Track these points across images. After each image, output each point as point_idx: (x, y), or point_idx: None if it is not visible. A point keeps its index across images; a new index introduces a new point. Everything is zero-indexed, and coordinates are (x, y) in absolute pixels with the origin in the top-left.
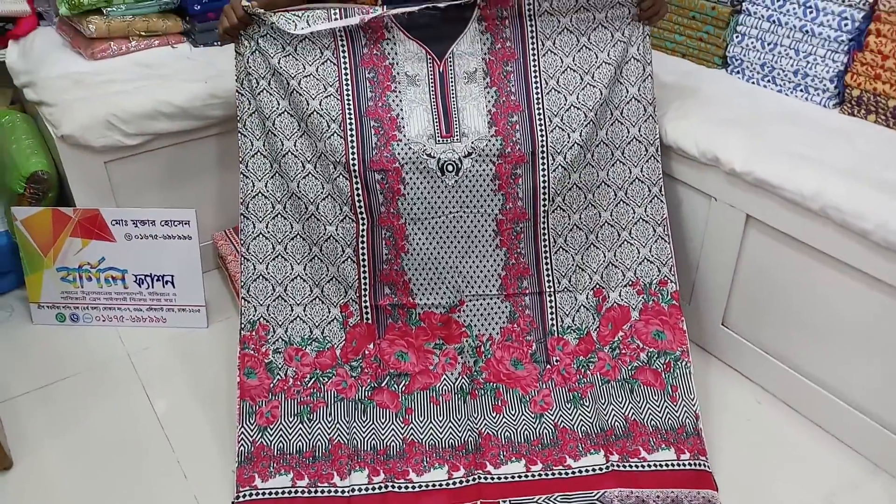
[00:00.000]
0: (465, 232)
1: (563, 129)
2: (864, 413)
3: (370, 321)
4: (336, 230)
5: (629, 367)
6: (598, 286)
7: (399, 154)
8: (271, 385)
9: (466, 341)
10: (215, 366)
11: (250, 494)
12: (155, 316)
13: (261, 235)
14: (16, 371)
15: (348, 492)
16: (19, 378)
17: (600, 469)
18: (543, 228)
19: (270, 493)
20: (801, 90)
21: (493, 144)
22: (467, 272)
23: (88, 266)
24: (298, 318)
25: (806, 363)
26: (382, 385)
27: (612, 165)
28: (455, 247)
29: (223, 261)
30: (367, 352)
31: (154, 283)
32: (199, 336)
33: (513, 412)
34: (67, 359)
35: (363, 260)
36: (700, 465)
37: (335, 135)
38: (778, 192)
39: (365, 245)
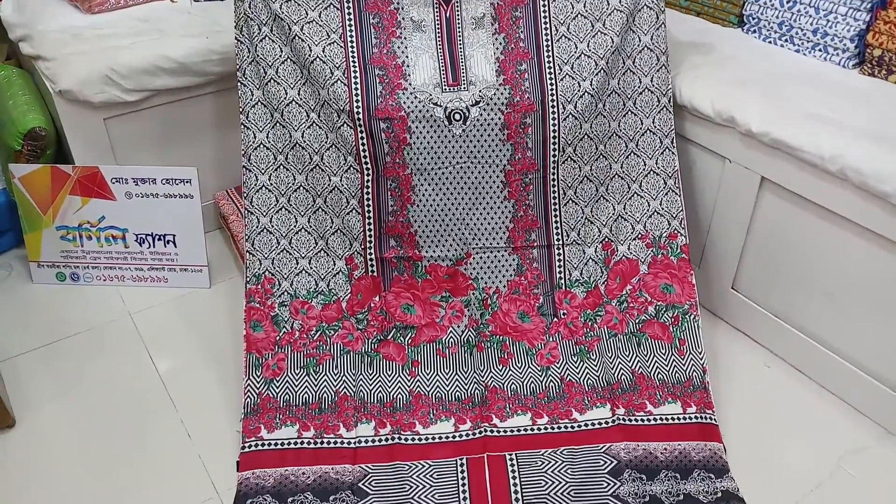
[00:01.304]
0: (472, 183)
1: (573, 78)
2: (875, 377)
3: (375, 274)
4: (340, 181)
5: (637, 321)
6: (606, 239)
7: (405, 103)
8: (277, 338)
9: (473, 294)
10: (218, 326)
11: (256, 445)
12: (156, 276)
13: (263, 188)
14: (16, 330)
15: (354, 443)
16: (20, 337)
17: (606, 423)
18: (553, 180)
19: (276, 444)
20: (820, 50)
21: (502, 93)
22: (474, 224)
23: (88, 225)
24: (304, 271)
25: (817, 327)
26: (388, 338)
27: (624, 116)
28: (462, 198)
29: (225, 220)
30: (372, 304)
31: (155, 243)
32: (201, 296)
33: (519, 365)
34: (68, 318)
35: (368, 211)
36: (707, 418)
37: (339, 82)
38: (795, 154)
39: (370, 196)
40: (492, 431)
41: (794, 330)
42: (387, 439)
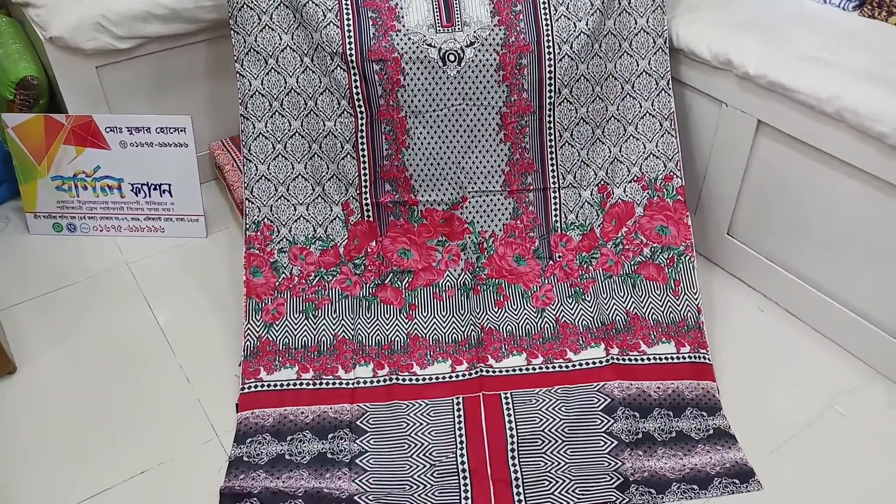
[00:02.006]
0: (467, 125)
1: (568, 18)
2: (867, 319)
3: (371, 219)
4: (334, 125)
5: (632, 263)
6: (602, 182)
7: (398, 45)
8: (277, 283)
9: (469, 238)
10: (215, 274)
11: (256, 386)
12: (153, 225)
13: (261, 135)
14: (14, 281)
15: (353, 384)
16: (17, 287)
17: (600, 362)
18: (549, 122)
19: (275, 385)
20: None
21: (497, 34)
22: (470, 168)
23: (83, 175)
24: (302, 218)
25: (810, 271)
26: (386, 282)
27: (620, 57)
28: (457, 141)
29: (220, 170)
30: (369, 249)
31: (151, 192)
32: (198, 245)
33: (515, 307)
34: (66, 268)
35: (363, 155)
36: (700, 357)
37: (331, 24)
38: (792, 96)
39: (364, 140)
40: (487, 371)
41: (788, 274)
42: (385, 380)
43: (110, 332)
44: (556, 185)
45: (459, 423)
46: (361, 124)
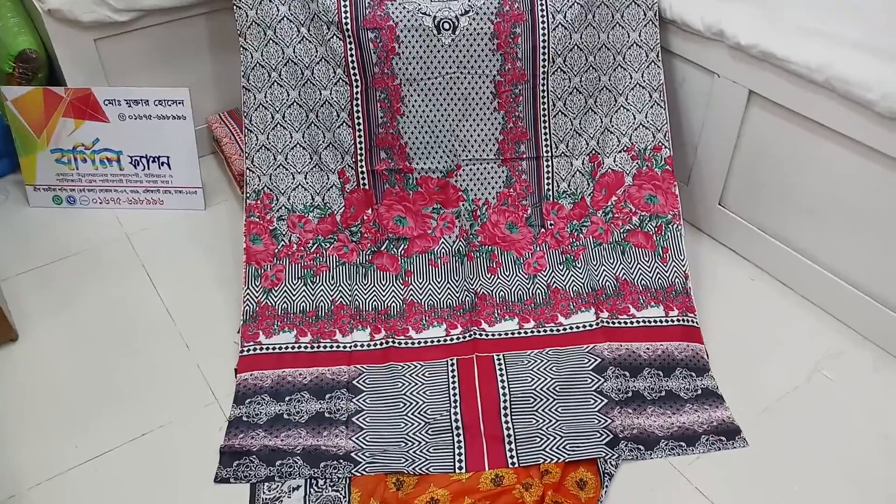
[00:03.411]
0: (462, 94)
1: None
2: (854, 286)
3: (367, 187)
4: (330, 94)
5: (621, 231)
6: (593, 152)
7: (393, 13)
8: (276, 250)
9: (463, 205)
10: (214, 245)
11: (254, 349)
12: (152, 198)
13: (261, 106)
14: (14, 252)
15: (350, 347)
16: (18, 258)
17: (590, 325)
18: (543, 91)
19: (274, 348)
20: None
21: (491, 2)
22: (464, 136)
23: (83, 147)
24: (300, 186)
25: (800, 239)
26: (382, 249)
27: (612, 28)
28: (452, 109)
29: (218, 144)
30: (365, 217)
31: (150, 165)
32: (197, 217)
33: (507, 273)
34: (66, 240)
35: (358, 123)
36: (689, 321)
37: None
38: (783, 66)
39: (359, 108)
40: (480, 335)
41: (778, 243)
42: (381, 343)
43: (111, 302)
44: (549, 154)
45: (453, 383)
46: (356, 92)
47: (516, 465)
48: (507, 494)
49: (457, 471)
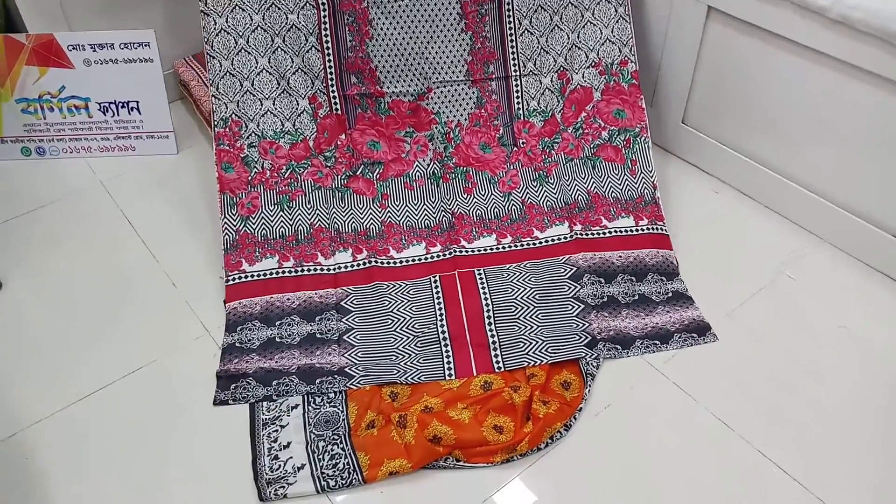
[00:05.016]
0: (429, 15)
1: None
2: (812, 190)
3: (339, 112)
4: (297, 18)
5: (591, 146)
6: (562, 69)
7: None
8: (249, 178)
9: (436, 128)
10: (190, 187)
11: (239, 277)
12: (123, 144)
13: (222, 31)
14: None
15: (334, 269)
16: None
17: (565, 238)
18: (508, 10)
19: (259, 275)
20: None
21: None
22: (433, 58)
23: (49, 96)
24: (269, 112)
25: (760, 150)
26: (357, 173)
27: None
28: (420, 31)
29: (186, 87)
30: (339, 142)
31: (119, 111)
32: (169, 162)
33: (483, 192)
34: (40, 191)
35: (327, 48)
36: (658, 229)
37: None
38: None
39: (328, 32)
40: (460, 252)
41: (739, 156)
42: (364, 263)
43: (92, 246)
44: (518, 73)
45: (438, 297)
46: (324, 16)
47: (502, 370)
48: (497, 397)
49: (447, 378)
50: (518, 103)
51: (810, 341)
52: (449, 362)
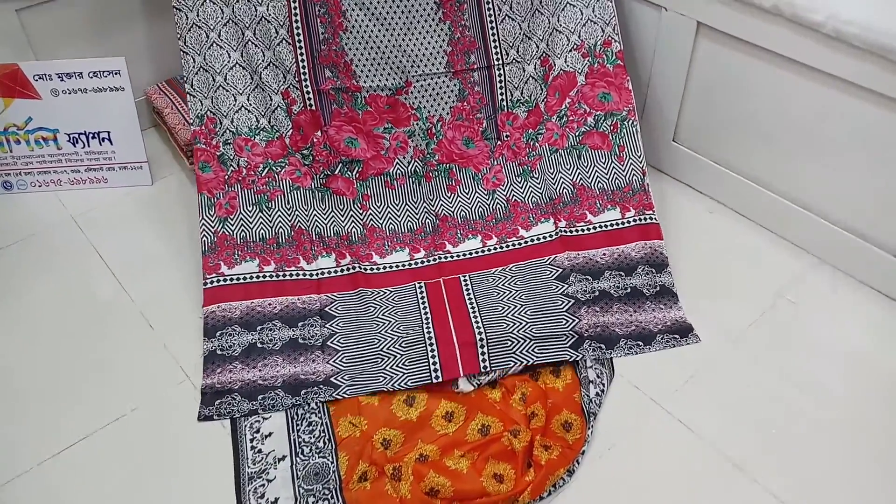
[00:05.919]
0: (405, 6)
1: None
2: (810, 210)
3: (314, 107)
4: (267, 10)
5: (577, 133)
6: (544, 55)
7: None
8: (226, 176)
9: (416, 124)
10: (165, 220)
11: (218, 281)
12: (95, 176)
13: (194, 25)
14: None
15: (317, 275)
16: None
17: (549, 236)
18: None
19: (239, 279)
20: None
21: None
22: (411, 50)
23: (15, 128)
24: (243, 108)
25: (755, 169)
26: (336, 172)
27: None
28: (396, 22)
29: (160, 115)
30: (315, 139)
31: (90, 142)
32: (144, 194)
33: (467, 191)
34: (7, 227)
35: (299, 41)
36: (646, 219)
37: None
38: None
39: (299, 24)
40: (445, 258)
41: (733, 174)
42: (347, 269)
43: (64, 286)
44: (500, 62)
45: (423, 303)
46: (295, 8)
47: (488, 369)
48: (496, 443)
49: (433, 380)
50: (501, 94)
51: (816, 368)
52: (435, 363)
